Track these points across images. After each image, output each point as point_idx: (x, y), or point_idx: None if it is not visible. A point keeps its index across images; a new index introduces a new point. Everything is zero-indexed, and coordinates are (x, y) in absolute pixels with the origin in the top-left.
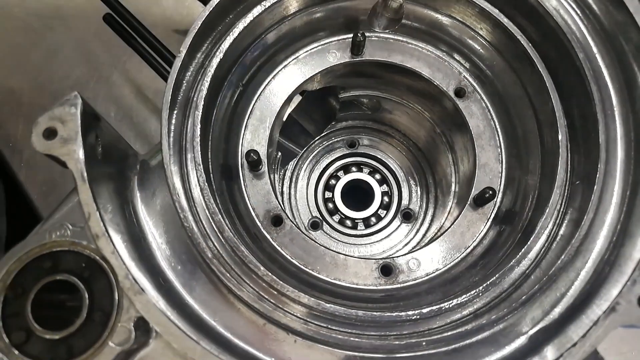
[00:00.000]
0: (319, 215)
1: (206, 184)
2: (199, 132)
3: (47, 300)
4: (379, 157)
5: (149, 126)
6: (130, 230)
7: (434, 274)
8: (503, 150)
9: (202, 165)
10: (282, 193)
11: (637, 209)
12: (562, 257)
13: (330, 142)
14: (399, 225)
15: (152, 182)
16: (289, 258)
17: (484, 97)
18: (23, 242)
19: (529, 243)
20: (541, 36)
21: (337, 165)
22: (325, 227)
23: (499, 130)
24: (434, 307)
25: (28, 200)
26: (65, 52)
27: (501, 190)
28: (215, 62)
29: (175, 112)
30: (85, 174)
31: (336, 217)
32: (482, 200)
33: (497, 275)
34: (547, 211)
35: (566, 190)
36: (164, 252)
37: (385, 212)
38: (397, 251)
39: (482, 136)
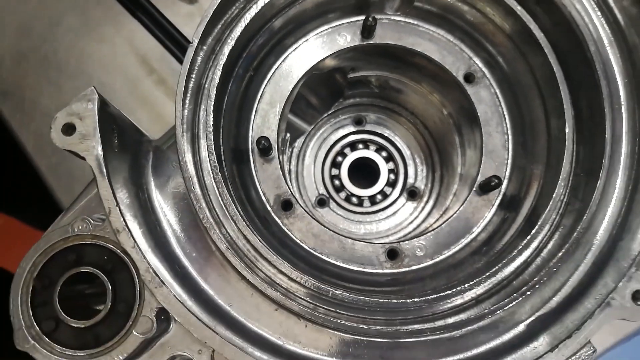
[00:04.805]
0: (325, 193)
1: (219, 173)
2: (211, 121)
3: (72, 291)
4: (385, 134)
5: (154, 98)
6: (146, 219)
7: (438, 259)
8: (510, 138)
9: (214, 154)
10: (289, 171)
11: (638, 204)
12: (563, 248)
13: (338, 119)
14: (404, 203)
15: (166, 168)
16: (299, 242)
17: (493, 84)
18: (47, 236)
19: (532, 233)
20: (553, 25)
21: (344, 142)
22: (332, 204)
23: (506, 117)
24: (439, 294)
25: (38, 172)
26: (67, 21)
27: (507, 177)
28: (226, 49)
29: (187, 100)
30: (104, 170)
31: (342, 195)
32: (487, 187)
33: (499, 265)
34: (551, 202)
35: (570, 182)
36: (179, 239)
37: (391, 189)
38: (402, 229)
39: (489, 122)
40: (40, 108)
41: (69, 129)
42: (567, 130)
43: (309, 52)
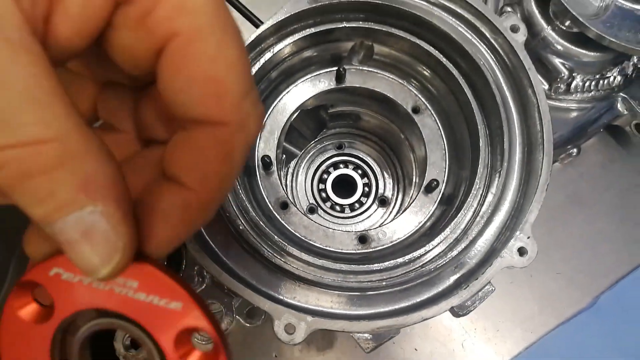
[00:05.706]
0: (314, 203)
1: (236, 181)
2: None
3: None
4: (360, 156)
5: None
6: None
7: (396, 242)
8: (447, 152)
9: None
10: (286, 186)
11: (527, 193)
12: (479, 225)
13: (323, 145)
14: (376, 209)
15: None
16: (293, 232)
17: (434, 113)
18: None
19: (457, 217)
20: (470, 71)
21: (328, 163)
22: (320, 211)
23: (444, 137)
24: (392, 262)
25: None
26: None
27: (444, 181)
28: None
29: None
30: None
31: (328, 204)
32: (430, 188)
33: (436, 241)
34: (470, 195)
35: (486, 180)
36: (206, 228)
37: (366, 199)
38: (374, 229)
39: (432, 141)
40: None
41: None
42: (480, 144)
43: (298, 94)
